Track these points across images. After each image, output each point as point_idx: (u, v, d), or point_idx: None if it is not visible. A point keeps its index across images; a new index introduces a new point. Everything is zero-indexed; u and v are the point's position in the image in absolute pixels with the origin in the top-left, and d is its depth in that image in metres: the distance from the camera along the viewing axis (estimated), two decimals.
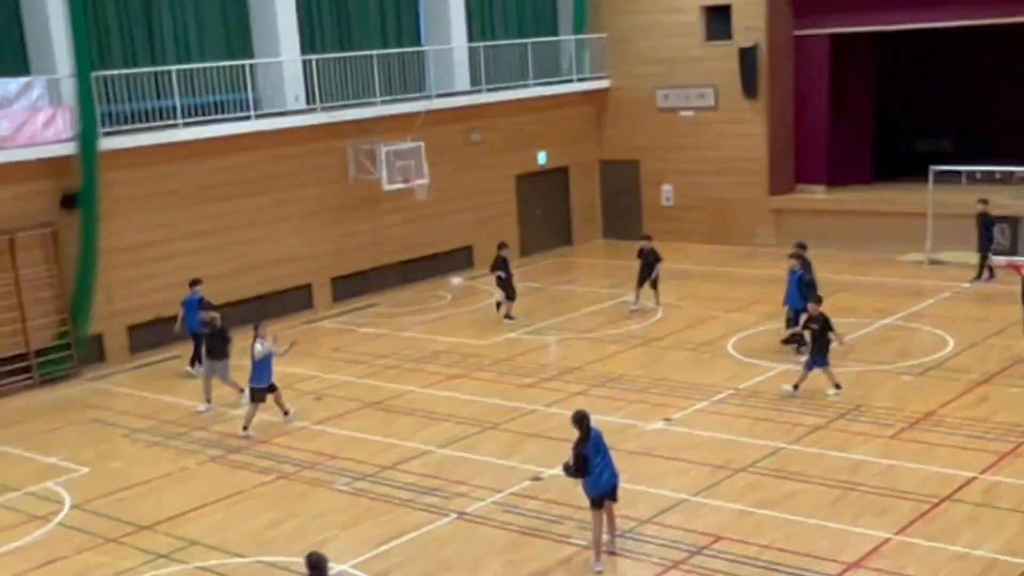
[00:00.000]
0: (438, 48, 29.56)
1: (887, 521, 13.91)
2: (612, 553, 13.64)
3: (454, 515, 14.95)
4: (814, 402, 18.36)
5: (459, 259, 29.76)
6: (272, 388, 18.79)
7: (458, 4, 30.11)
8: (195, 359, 21.69)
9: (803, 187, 31.40)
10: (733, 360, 21.00)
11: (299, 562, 11.74)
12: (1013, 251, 26.44)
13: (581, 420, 13.22)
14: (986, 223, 25.74)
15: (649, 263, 24.59)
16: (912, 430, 16.92)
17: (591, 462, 13.15)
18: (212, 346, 19.97)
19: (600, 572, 13.23)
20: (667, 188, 32.69)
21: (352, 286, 27.32)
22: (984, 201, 25.80)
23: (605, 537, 13.58)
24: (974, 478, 14.99)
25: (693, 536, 13.89)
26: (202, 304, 21.20)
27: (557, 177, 32.77)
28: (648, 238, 25.37)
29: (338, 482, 16.40)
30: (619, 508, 13.93)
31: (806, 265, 21.28)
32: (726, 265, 28.82)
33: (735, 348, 21.60)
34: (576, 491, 15.28)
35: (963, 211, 26.88)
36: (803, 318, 19.28)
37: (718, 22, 31.21)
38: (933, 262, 27.00)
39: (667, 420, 18.01)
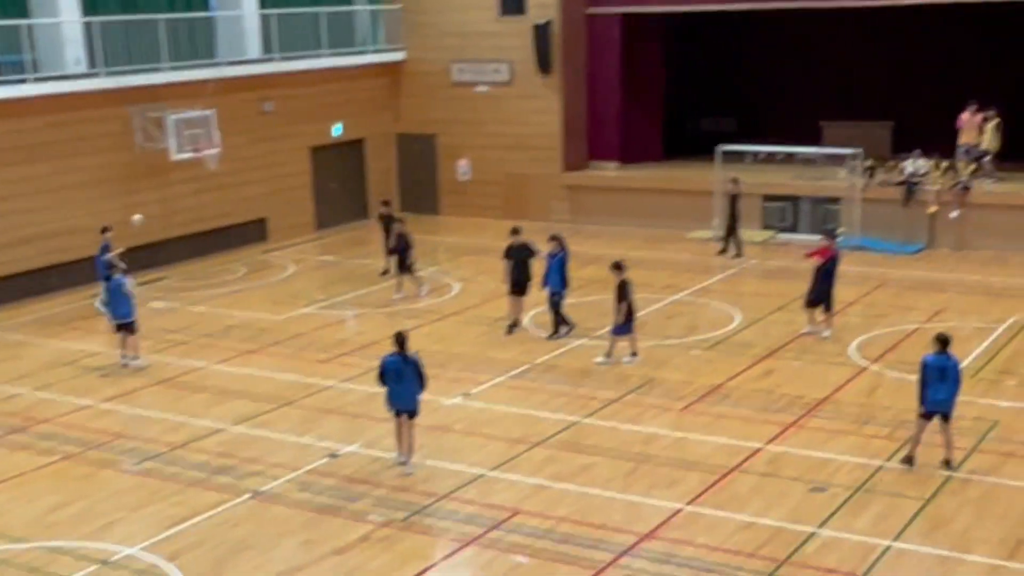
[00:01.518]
0: (228, 14, 28.74)
1: (678, 492, 14.27)
2: (407, 474, 14.97)
3: (249, 494, 14.61)
4: (608, 376, 18.69)
5: (252, 231, 29.16)
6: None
7: None
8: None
9: (596, 164, 31.89)
10: (529, 335, 21.18)
11: (86, 546, 11.26)
12: (794, 230, 27.48)
13: (397, 337, 14.95)
14: (733, 201, 26.69)
15: (403, 247, 23.84)
16: (701, 403, 17.40)
17: (386, 375, 14.92)
18: None
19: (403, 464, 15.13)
20: (463, 162, 32.71)
21: (140, 259, 26.37)
22: (735, 180, 26.74)
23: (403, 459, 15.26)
24: (760, 449, 15.51)
25: (491, 511, 13.94)
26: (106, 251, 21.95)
27: (353, 149, 32.42)
28: (391, 216, 25.61)
29: (126, 462, 15.83)
30: (417, 484, 14.25)
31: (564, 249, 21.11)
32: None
33: (531, 322, 21.79)
34: (374, 467, 15.29)
35: (749, 189, 27.79)
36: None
37: None
38: (720, 239, 27.78)
39: (465, 395, 18.04)
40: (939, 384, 14.23)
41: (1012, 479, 14.34)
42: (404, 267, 23.84)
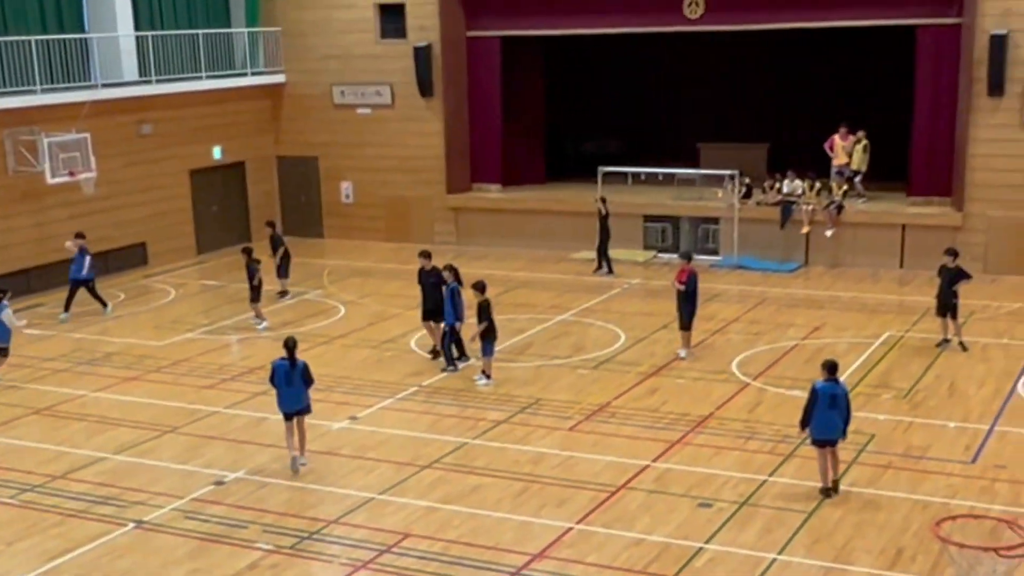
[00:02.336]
0: (103, 36, 28.22)
1: (568, 511, 14.37)
2: (298, 469, 15.70)
3: (132, 524, 14.31)
4: (495, 397, 18.75)
5: (132, 256, 28.60)
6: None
7: None
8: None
9: (479, 186, 32.02)
10: (416, 357, 21.14)
11: None
12: (675, 250, 27.87)
13: (286, 344, 15.90)
14: (602, 220, 27.10)
15: (251, 275, 23.43)
16: (589, 422, 17.55)
17: (276, 378, 15.74)
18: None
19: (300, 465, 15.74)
20: (346, 185, 32.57)
21: (14, 285, 25.64)
22: (603, 200, 27.18)
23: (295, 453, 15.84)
24: (647, 466, 15.71)
25: (381, 535, 13.87)
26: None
27: (234, 172, 32.04)
28: (277, 236, 25.75)
29: (2, 495, 15.37)
30: (305, 509, 14.21)
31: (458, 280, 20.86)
32: (407, 263, 28.80)
33: (418, 345, 21.75)
34: (261, 493, 15.12)
35: (629, 210, 28.25)
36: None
37: (392, 20, 31.34)
38: (594, 260, 27.99)
39: (352, 418, 17.94)
40: (830, 411, 14.27)
41: (890, 490, 14.74)
42: (256, 296, 23.47)
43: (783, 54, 31.98)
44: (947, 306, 20.58)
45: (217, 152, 31.32)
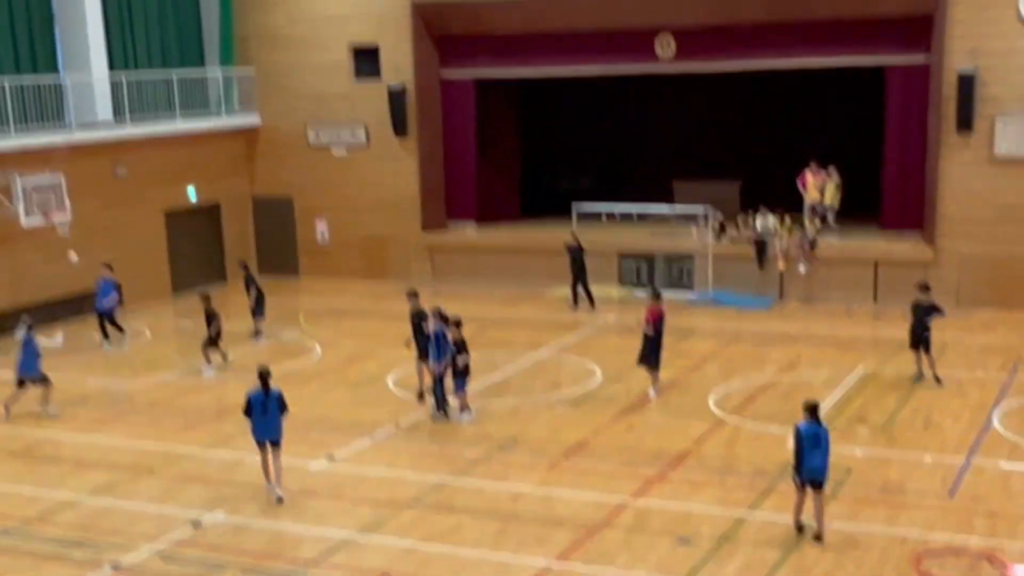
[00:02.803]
0: (77, 78, 28.25)
1: (547, 549, 14.34)
2: (280, 498, 15.95)
3: (108, 567, 14.21)
4: (473, 435, 18.74)
5: None
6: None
7: (97, 32, 28.89)
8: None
9: (455, 224, 32.11)
10: (393, 396, 21.13)
11: None
12: (652, 285, 27.91)
13: (260, 374, 16.22)
14: (575, 255, 27.29)
15: (209, 320, 23.24)
16: (567, 459, 17.56)
17: (252, 409, 16.04)
18: None
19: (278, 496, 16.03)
20: (321, 224, 32.61)
21: None
22: (572, 234, 27.41)
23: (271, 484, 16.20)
24: (625, 503, 15.71)
25: (360, 575, 13.81)
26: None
27: (209, 213, 32.04)
28: (250, 276, 25.78)
29: None
30: (284, 550, 14.20)
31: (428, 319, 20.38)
32: (383, 301, 29.00)
33: (395, 383, 21.74)
34: (239, 535, 15.05)
35: (604, 248, 28.40)
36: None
37: (367, 62, 31.51)
38: (571, 298, 28.08)
39: (330, 458, 17.88)
40: (813, 451, 14.18)
41: (868, 524, 14.80)
42: (211, 341, 23.23)
43: (755, 92, 32.30)
44: (920, 340, 20.75)
45: (192, 193, 31.32)
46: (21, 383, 20.37)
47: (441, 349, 19.41)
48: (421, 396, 20.38)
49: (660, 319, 20.52)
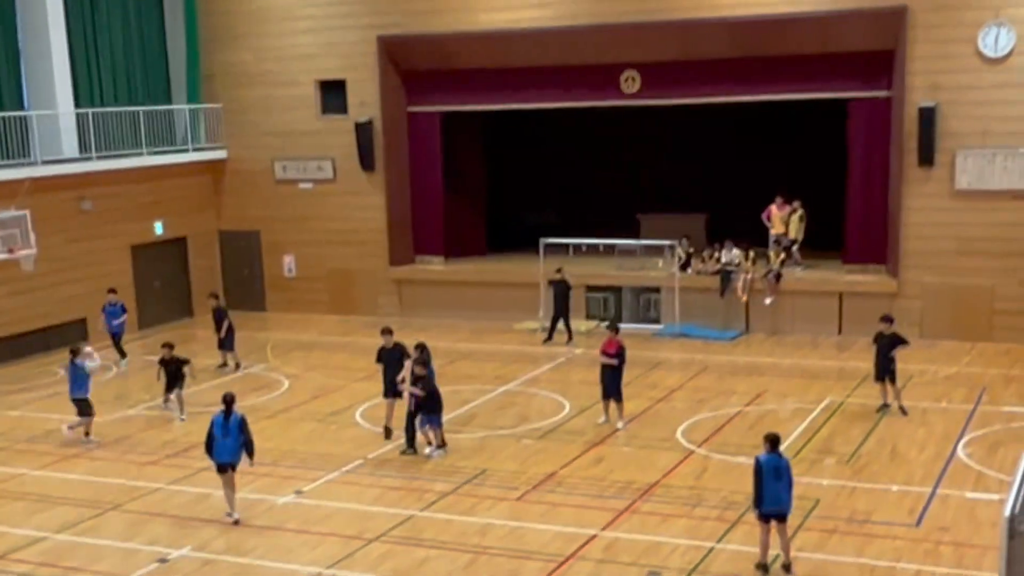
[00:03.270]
0: (43, 113, 28.18)
1: None
2: (236, 523, 16.37)
3: None
4: (442, 468, 18.71)
5: (72, 332, 28.25)
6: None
7: (63, 68, 28.89)
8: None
9: (422, 258, 32.14)
10: (362, 429, 21.08)
11: None
12: (618, 319, 28.05)
13: (224, 398, 16.67)
14: (560, 290, 27.39)
15: (171, 372, 22.60)
16: (536, 491, 17.56)
17: (212, 431, 16.52)
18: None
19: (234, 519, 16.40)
20: (289, 259, 32.58)
21: None
22: (559, 271, 27.53)
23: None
24: (595, 535, 15.71)
25: None
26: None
27: (175, 247, 31.96)
28: (221, 308, 26.01)
29: None
30: None
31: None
32: (351, 335, 28.98)
33: (363, 417, 21.70)
34: (205, 570, 14.95)
35: (572, 281, 28.41)
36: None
37: (333, 96, 31.61)
38: (546, 329, 28.19)
39: (298, 492, 17.80)
40: (775, 484, 14.14)
41: (836, 555, 14.85)
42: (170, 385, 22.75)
43: (720, 126, 32.57)
44: (885, 371, 20.92)
45: (159, 227, 31.24)
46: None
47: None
48: (388, 433, 20.29)
49: (620, 351, 20.61)
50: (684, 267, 28.94)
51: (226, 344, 25.60)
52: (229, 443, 16.49)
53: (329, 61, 31.37)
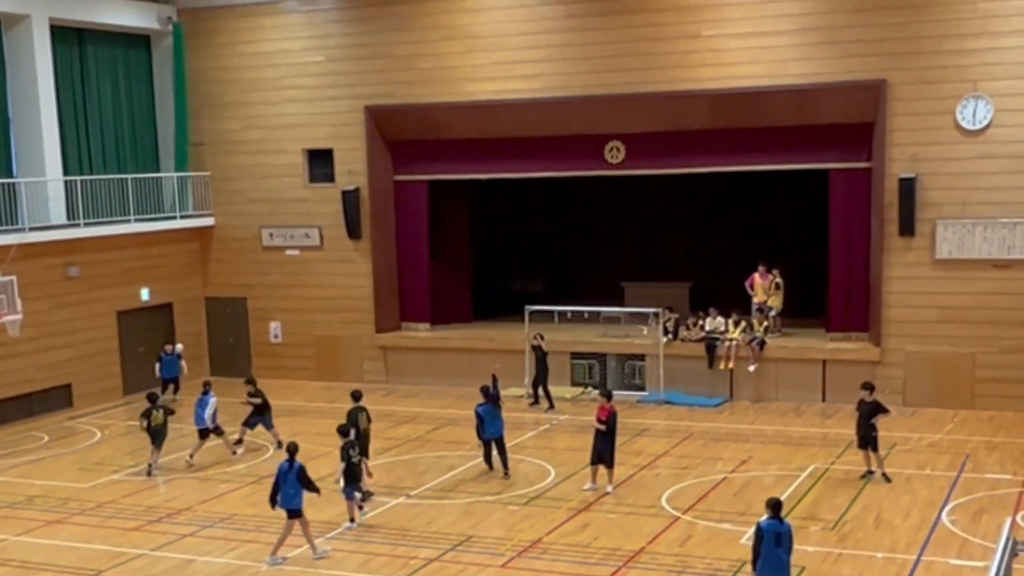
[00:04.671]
0: (31, 180, 28.35)
1: None
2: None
3: None
4: (428, 534, 18.69)
5: (56, 397, 28.30)
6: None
7: (52, 136, 29.09)
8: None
9: (408, 325, 32.24)
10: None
11: None
12: (604, 384, 28.15)
13: (290, 449, 18.11)
14: (539, 356, 27.58)
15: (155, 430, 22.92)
16: (521, 558, 17.54)
17: (279, 486, 17.63)
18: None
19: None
20: (275, 325, 32.67)
21: None
22: (539, 336, 27.74)
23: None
24: None
25: None
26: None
27: (161, 313, 32.01)
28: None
29: None
30: None
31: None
32: (336, 401, 28.89)
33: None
34: None
35: (558, 348, 28.61)
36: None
37: (320, 165, 31.89)
38: (530, 395, 28.26)
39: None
40: (775, 550, 14.11)
41: None
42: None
43: (703, 196, 32.91)
44: (867, 439, 21.04)
45: (145, 294, 31.34)
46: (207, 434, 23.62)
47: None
48: (364, 497, 20.31)
49: (612, 417, 20.74)
50: (674, 336, 29.07)
51: (262, 422, 24.73)
52: (288, 491, 17.54)
53: (317, 130, 31.69)
